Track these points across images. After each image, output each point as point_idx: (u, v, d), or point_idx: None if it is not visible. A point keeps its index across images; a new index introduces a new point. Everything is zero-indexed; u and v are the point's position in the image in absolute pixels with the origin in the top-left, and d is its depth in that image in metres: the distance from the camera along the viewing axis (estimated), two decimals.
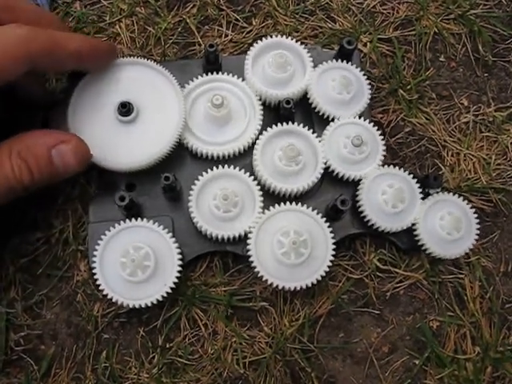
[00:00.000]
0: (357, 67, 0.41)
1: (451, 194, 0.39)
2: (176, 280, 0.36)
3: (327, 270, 0.36)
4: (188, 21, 0.47)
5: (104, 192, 0.39)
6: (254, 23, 0.47)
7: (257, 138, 0.39)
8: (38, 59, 0.32)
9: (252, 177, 0.38)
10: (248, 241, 0.37)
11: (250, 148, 0.40)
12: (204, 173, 0.38)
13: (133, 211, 0.38)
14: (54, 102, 0.40)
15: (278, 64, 0.39)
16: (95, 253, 0.36)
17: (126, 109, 0.37)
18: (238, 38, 0.46)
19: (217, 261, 0.41)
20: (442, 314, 0.41)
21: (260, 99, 0.40)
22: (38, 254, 0.41)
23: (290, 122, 0.39)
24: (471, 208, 0.39)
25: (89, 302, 0.40)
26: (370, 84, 0.41)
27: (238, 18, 0.47)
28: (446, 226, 0.38)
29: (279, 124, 0.39)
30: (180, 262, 0.37)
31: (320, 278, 0.36)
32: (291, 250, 0.35)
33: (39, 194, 0.37)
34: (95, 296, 0.40)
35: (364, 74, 0.41)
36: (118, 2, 0.47)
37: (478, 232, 0.38)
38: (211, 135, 0.39)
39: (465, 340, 0.40)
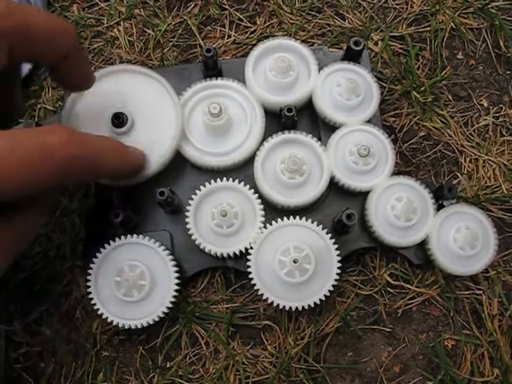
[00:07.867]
0: (365, 69, 0.38)
1: (467, 205, 0.36)
2: (173, 299, 0.35)
3: (332, 288, 0.34)
4: (189, 22, 0.44)
5: (100, 206, 0.38)
6: (258, 22, 0.44)
7: (259, 147, 0.37)
8: None
9: (252, 189, 0.36)
10: (248, 258, 0.35)
11: (252, 158, 0.37)
12: (202, 186, 0.36)
13: (129, 226, 0.36)
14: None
15: (280, 68, 0.37)
16: (90, 271, 0.35)
17: (119, 120, 0.35)
18: (242, 38, 0.44)
19: (218, 276, 0.39)
20: (457, 332, 0.38)
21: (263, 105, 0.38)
22: (36, 268, 0.39)
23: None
24: (490, 219, 0.36)
25: (88, 319, 0.39)
26: (380, 86, 0.38)
27: (241, 17, 0.44)
28: (462, 241, 0.35)
29: (281, 132, 0.37)
30: (177, 281, 0.35)
31: (324, 298, 0.34)
32: (294, 268, 0.33)
33: None
34: (94, 312, 0.38)
35: (373, 76, 0.38)
36: (117, 4, 0.45)
37: (497, 246, 0.36)
38: (210, 145, 0.37)
39: (482, 361, 0.38)
